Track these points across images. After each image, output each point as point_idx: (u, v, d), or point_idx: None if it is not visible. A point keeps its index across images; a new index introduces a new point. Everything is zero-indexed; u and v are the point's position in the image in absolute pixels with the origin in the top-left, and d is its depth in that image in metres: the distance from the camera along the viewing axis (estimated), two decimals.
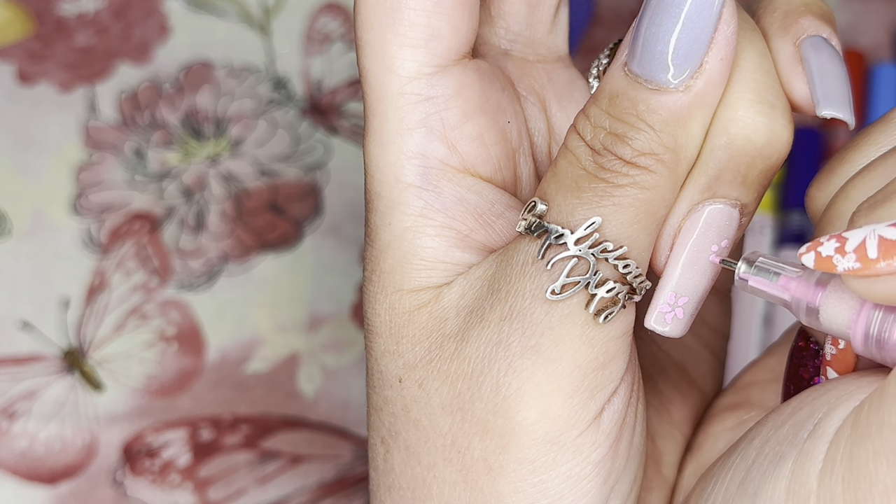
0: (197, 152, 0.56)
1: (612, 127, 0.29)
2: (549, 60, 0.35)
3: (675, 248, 0.30)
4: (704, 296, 0.30)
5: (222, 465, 0.53)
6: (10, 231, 0.55)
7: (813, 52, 0.31)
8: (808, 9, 0.31)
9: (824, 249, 0.27)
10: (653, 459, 0.35)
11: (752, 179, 0.30)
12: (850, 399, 0.27)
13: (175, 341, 0.54)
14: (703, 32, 0.28)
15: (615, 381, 0.30)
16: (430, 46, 0.31)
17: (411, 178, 0.31)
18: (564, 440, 0.30)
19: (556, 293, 0.29)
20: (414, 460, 0.31)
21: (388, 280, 0.31)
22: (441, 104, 0.31)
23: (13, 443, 0.52)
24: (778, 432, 0.28)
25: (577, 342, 0.29)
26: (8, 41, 0.57)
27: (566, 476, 0.30)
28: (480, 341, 0.30)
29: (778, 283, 0.29)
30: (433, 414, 0.30)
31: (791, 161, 0.56)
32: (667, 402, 0.35)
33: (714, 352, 0.37)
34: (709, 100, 0.29)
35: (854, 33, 0.59)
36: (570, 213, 0.29)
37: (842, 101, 0.31)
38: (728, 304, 0.37)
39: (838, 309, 0.28)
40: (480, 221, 0.31)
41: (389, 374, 0.31)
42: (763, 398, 0.35)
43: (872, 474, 0.25)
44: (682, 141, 0.29)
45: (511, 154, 0.32)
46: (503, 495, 0.30)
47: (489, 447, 0.30)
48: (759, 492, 0.27)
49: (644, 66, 0.29)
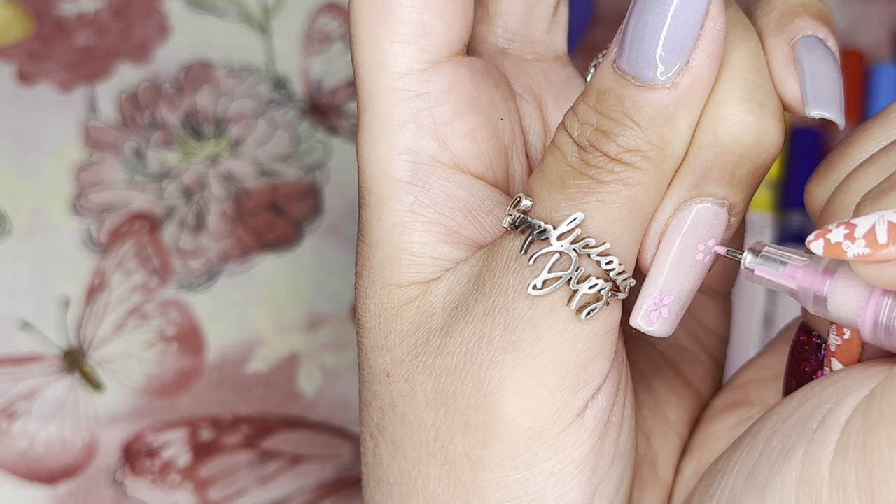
0: (197, 152, 0.56)
1: (599, 123, 0.29)
2: (547, 59, 0.34)
3: (662, 246, 0.30)
4: (691, 295, 0.30)
5: (222, 465, 0.53)
6: (10, 231, 0.55)
7: (806, 52, 0.31)
8: (805, 9, 0.31)
9: (833, 236, 0.27)
10: (648, 460, 0.35)
11: (740, 179, 0.30)
12: (859, 388, 0.27)
13: (175, 341, 0.54)
14: (690, 29, 0.29)
15: (599, 378, 0.30)
16: (421, 43, 0.31)
17: (401, 173, 0.31)
18: (546, 437, 0.29)
19: (537, 288, 0.29)
20: (400, 455, 0.31)
21: (378, 275, 0.31)
22: (432, 100, 0.31)
23: (13, 443, 0.52)
24: (785, 424, 0.28)
25: (559, 338, 0.29)
26: (8, 41, 0.57)
27: (549, 473, 0.30)
28: (464, 336, 0.30)
29: (784, 273, 0.29)
30: (418, 408, 0.30)
31: (790, 161, 0.56)
32: (662, 403, 0.35)
33: (711, 354, 0.37)
34: (696, 97, 0.29)
35: (854, 33, 0.59)
36: (554, 209, 0.29)
37: (832, 101, 0.30)
38: (727, 307, 0.37)
39: (847, 297, 0.28)
40: (470, 217, 0.31)
41: (378, 368, 0.31)
42: (763, 396, 0.35)
43: (887, 461, 0.25)
44: (668, 138, 0.29)
45: (503, 151, 0.32)
46: (486, 491, 0.30)
47: (471, 442, 0.30)
48: (769, 484, 0.27)
49: (632, 63, 0.29)
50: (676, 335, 0.36)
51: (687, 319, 0.36)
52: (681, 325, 0.36)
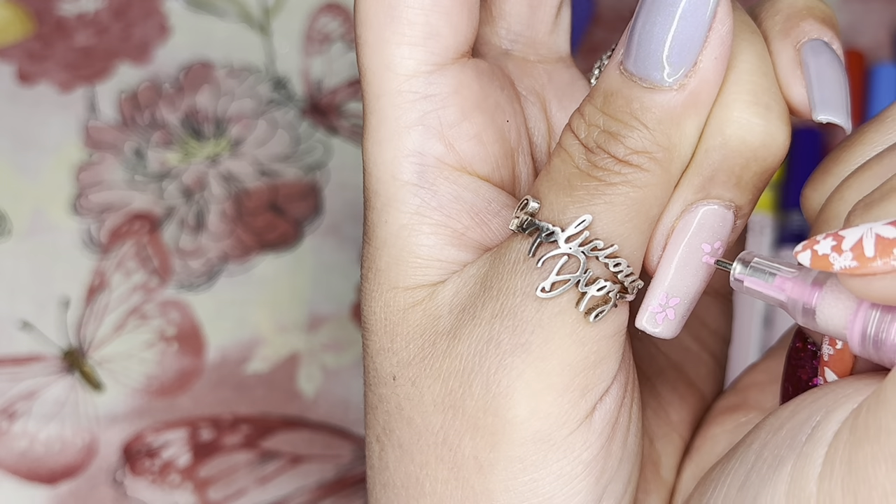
0: (197, 152, 0.56)
1: (606, 125, 0.29)
2: (551, 61, 0.35)
3: (668, 248, 0.30)
4: (697, 297, 0.30)
5: (222, 465, 0.53)
6: (10, 231, 0.55)
7: (812, 56, 0.31)
8: (810, 12, 0.31)
9: (820, 248, 0.27)
10: (651, 461, 0.35)
11: (747, 181, 0.30)
12: (847, 401, 0.27)
13: (175, 341, 0.54)
14: (698, 31, 0.29)
15: (607, 380, 0.30)
16: (427, 45, 0.31)
17: (408, 175, 0.31)
18: (555, 439, 0.29)
19: (546, 291, 0.29)
20: (407, 458, 0.31)
21: (384, 277, 0.31)
22: (438, 102, 0.31)
23: (13, 443, 0.52)
24: (776, 436, 0.28)
25: (567, 340, 0.29)
26: (8, 41, 0.57)
27: (557, 475, 0.30)
28: (472, 339, 0.30)
29: (774, 284, 0.29)
30: (426, 412, 0.30)
31: (791, 161, 0.56)
32: (665, 404, 0.35)
33: (714, 354, 0.37)
34: (703, 99, 0.29)
35: (854, 33, 0.59)
36: (562, 211, 0.29)
37: (838, 105, 0.31)
38: (729, 307, 0.37)
39: (835, 309, 0.28)
40: (476, 220, 0.31)
41: (384, 371, 0.31)
42: (761, 400, 0.35)
43: (871, 478, 0.25)
44: (675, 140, 0.29)
45: (510, 153, 0.32)
46: (494, 493, 0.30)
47: (480, 445, 0.30)
48: (759, 496, 0.27)
49: (639, 64, 0.29)
50: (680, 336, 0.36)
51: (690, 320, 0.36)
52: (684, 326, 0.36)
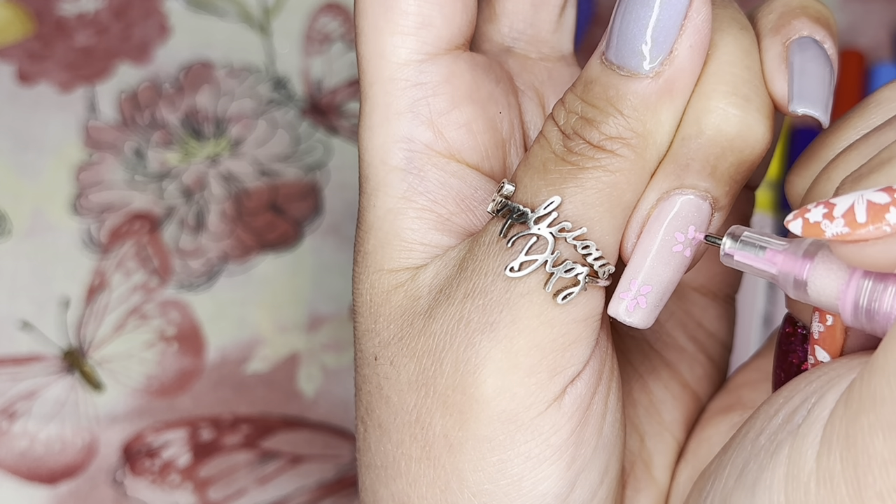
0: (197, 152, 0.56)
1: (584, 112, 0.30)
2: (552, 59, 0.35)
3: (642, 236, 0.30)
4: (670, 287, 0.30)
5: (222, 465, 0.53)
6: (10, 231, 0.55)
7: (798, 52, 0.31)
8: (804, 11, 0.32)
9: (812, 216, 0.26)
10: (642, 460, 0.35)
11: (722, 171, 0.30)
12: (841, 380, 0.27)
13: (175, 341, 0.54)
14: (674, 20, 0.29)
15: (577, 364, 0.30)
16: (420, 34, 0.31)
17: (397, 160, 0.32)
18: (522, 419, 0.30)
19: (514, 270, 0.29)
20: (385, 437, 0.31)
21: (371, 260, 0.32)
22: (429, 90, 0.32)
23: (13, 443, 0.52)
24: (772, 422, 0.28)
25: (535, 321, 0.29)
26: (8, 41, 0.57)
27: (525, 456, 0.30)
28: (445, 318, 0.30)
29: (764, 257, 0.29)
30: (401, 390, 0.31)
31: (790, 161, 0.56)
32: (657, 403, 0.35)
33: (710, 357, 0.36)
34: (679, 87, 0.29)
35: (854, 33, 0.59)
36: (535, 194, 0.30)
37: (816, 99, 0.31)
38: (729, 311, 0.37)
39: (826, 280, 0.28)
40: (462, 206, 0.32)
41: (367, 352, 0.32)
42: (755, 398, 0.35)
43: (870, 448, 0.25)
44: (651, 127, 0.29)
45: (501, 144, 0.33)
46: (464, 473, 0.30)
47: (449, 423, 0.30)
48: (758, 481, 0.27)
49: (618, 53, 0.29)
50: (675, 336, 0.36)
51: (686, 321, 0.36)
52: (679, 326, 0.36)
